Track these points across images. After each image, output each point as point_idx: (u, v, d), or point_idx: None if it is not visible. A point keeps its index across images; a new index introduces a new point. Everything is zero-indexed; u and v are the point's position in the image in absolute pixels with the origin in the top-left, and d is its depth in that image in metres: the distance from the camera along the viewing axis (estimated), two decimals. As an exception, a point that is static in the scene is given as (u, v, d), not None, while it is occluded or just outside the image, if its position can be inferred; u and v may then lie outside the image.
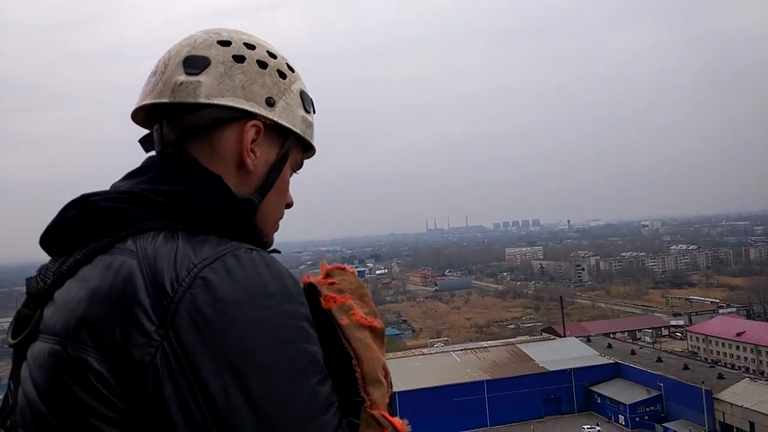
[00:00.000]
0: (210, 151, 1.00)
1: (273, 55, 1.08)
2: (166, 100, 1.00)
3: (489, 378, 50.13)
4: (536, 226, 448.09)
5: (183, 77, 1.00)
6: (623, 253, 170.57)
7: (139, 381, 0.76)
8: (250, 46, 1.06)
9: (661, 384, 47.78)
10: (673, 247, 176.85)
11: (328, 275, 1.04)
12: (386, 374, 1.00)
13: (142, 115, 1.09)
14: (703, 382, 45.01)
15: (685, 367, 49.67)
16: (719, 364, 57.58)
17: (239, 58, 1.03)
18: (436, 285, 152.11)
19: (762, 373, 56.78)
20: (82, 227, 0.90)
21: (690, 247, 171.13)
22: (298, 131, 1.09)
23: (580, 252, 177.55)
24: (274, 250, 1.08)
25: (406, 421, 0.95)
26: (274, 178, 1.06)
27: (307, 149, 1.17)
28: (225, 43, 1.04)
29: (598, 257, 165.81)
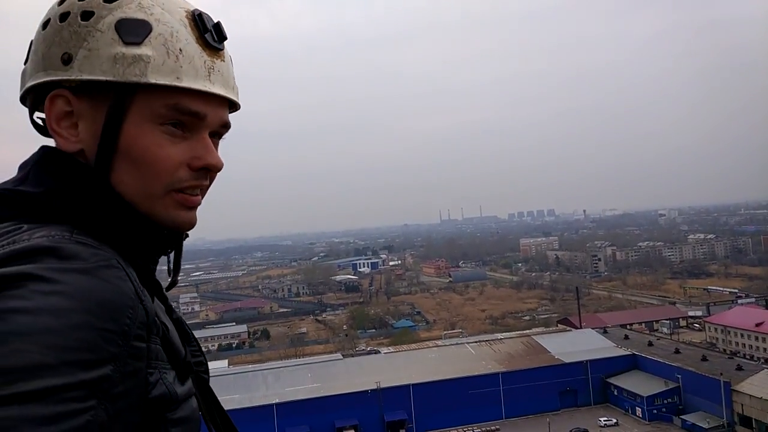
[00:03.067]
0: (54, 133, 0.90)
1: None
2: (21, 94, 0.93)
3: (504, 370, 49.93)
4: (551, 216, 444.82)
5: (23, 68, 0.93)
6: (640, 243, 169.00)
7: None
8: (61, 1, 0.89)
9: (679, 376, 47.27)
10: (691, 236, 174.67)
11: None
12: None
13: None
14: (721, 374, 44.48)
15: (704, 359, 49.11)
16: (738, 355, 56.84)
17: (45, 25, 0.89)
18: (450, 276, 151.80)
19: (782, 364, 56.06)
20: None
21: (708, 237, 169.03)
22: (111, 77, 0.83)
23: (596, 242, 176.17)
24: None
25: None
26: (110, 146, 0.84)
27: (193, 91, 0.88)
28: (45, 18, 0.90)
29: (615, 247, 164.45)
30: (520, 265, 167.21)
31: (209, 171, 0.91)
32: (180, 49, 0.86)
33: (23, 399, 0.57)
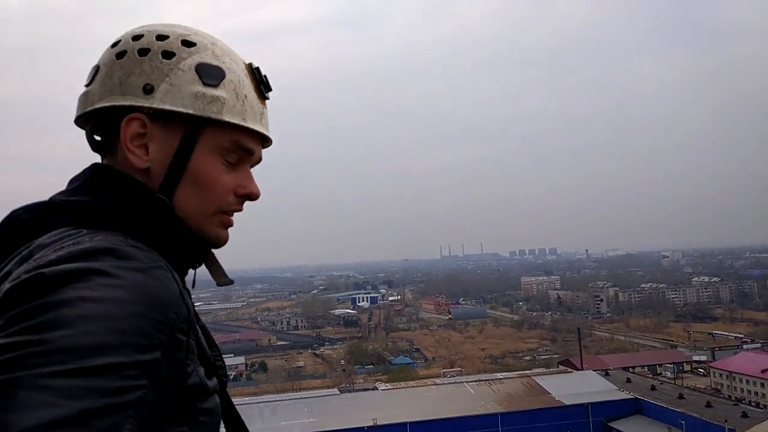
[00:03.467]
0: (116, 155, 1.01)
1: (162, 37, 1.01)
2: (78, 114, 1.04)
3: (503, 411, 48.84)
4: (553, 255, 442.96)
5: (84, 90, 1.04)
6: (643, 285, 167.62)
7: None
8: (137, 37, 1.01)
9: (683, 422, 46.03)
10: (695, 278, 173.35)
11: None
12: None
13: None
14: (726, 421, 43.37)
15: (708, 405, 47.95)
16: (743, 401, 55.57)
17: (121, 55, 1.00)
18: (449, 313, 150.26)
19: (789, 412, 54.76)
20: (6, 240, 0.91)
21: (713, 279, 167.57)
22: (192, 111, 0.98)
23: (598, 282, 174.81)
24: (226, 282, 1.15)
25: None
26: (178, 170, 0.98)
27: (244, 129, 1.04)
28: (114, 44, 1.03)
29: (617, 288, 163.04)
30: (521, 303, 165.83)
31: (248, 198, 1.07)
32: (245, 95, 1.04)
33: (89, 372, 0.67)
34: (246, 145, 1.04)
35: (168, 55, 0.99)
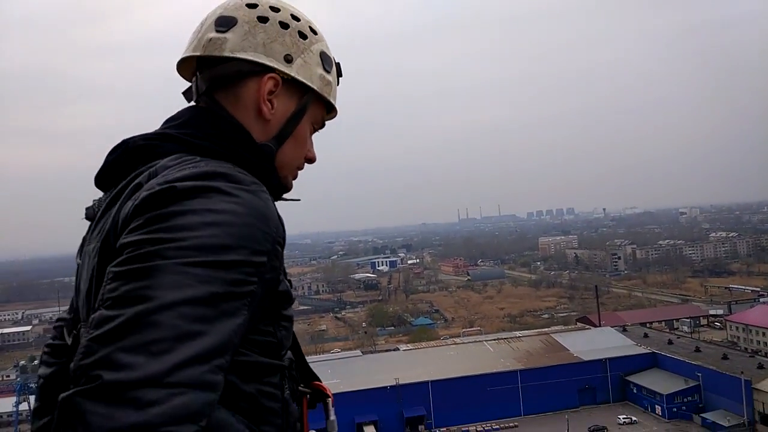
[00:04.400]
0: (234, 101, 1.19)
1: (296, 18, 1.24)
2: (198, 54, 1.20)
3: (523, 367, 50.17)
4: (571, 215, 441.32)
5: (213, 34, 1.19)
6: (660, 242, 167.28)
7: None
8: (275, 9, 1.22)
9: (699, 374, 47.13)
10: (713, 234, 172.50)
11: None
12: None
13: (188, 69, 1.30)
14: (742, 372, 44.31)
15: (724, 357, 48.91)
16: (759, 353, 56.33)
17: (263, 19, 1.20)
18: (468, 275, 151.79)
19: (805, 363, 55.51)
20: (122, 164, 1.12)
21: (730, 235, 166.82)
22: (315, 87, 1.24)
23: (616, 240, 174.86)
24: (294, 199, 1.32)
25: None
26: (291, 128, 1.22)
27: (330, 109, 1.33)
28: (252, 6, 1.21)
29: (635, 246, 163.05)
30: (538, 263, 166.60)
31: (310, 161, 1.33)
32: (337, 84, 1.33)
33: (216, 266, 0.86)
34: (326, 121, 1.35)
35: (302, 35, 1.23)
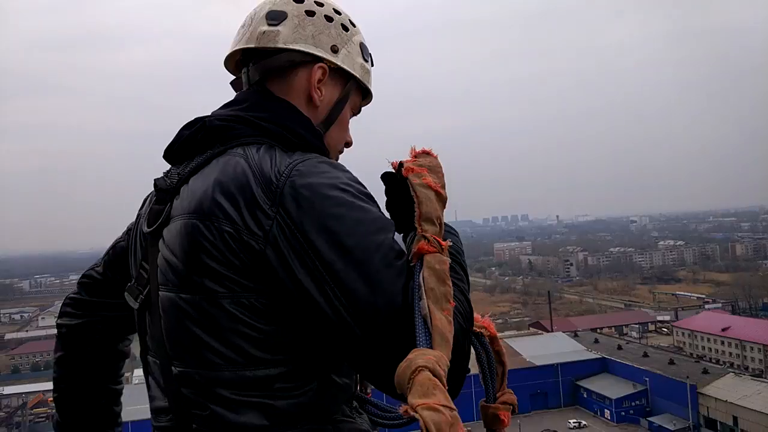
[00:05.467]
0: (286, 88, 1.28)
1: (338, 12, 1.35)
2: (252, 46, 1.28)
3: (476, 372, 49.85)
4: (525, 221, 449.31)
5: (265, 27, 1.28)
6: (611, 249, 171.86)
7: (261, 243, 1.04)
8: (320, 4, 1.33)
9: (647, 379, 48.06)
10: (661, 242, 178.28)
11: (415, 157, 1.28)
12: (441, 223, 1.19)
13: (233, 61, 1.38)
14: (688, 377, 45.33)
15: (671, 362, 49.98)
16: (704, 359, 58.04)
17: (310, 13, 1.30)
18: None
19: (746, 368, 57.43)
20: (199, 141, 1.21)
21: (677, 243, 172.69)
22: (358, 75, 1.35)
23: (568, 247, 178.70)
24: None
25: (449, 242, 1.17)
26: (337, 114, 1.33)
27: (365, 96, 1.43)
28: (299, 1, 1.31)
29: (587, 252, 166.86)
30: (493, 269, 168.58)
31: (348, 145, 1.43)
32: (372, 71, 1.43)
33: (374, 206, 1.12)
34: (362, 108, 1.45)
35: (344, 28, 1.33)
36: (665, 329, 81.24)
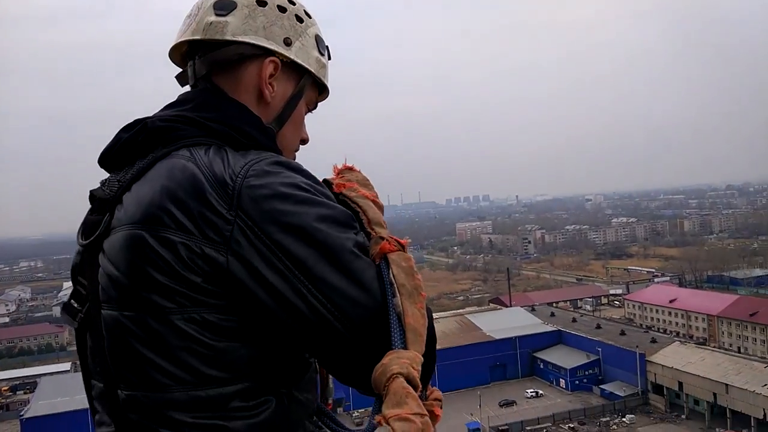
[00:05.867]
0: (235, 84, 1.19)
1: (292, 2, 1.25)
2: (198, 37, 1.19)
3: (438, 347, 51.22)
4: (486, 202, 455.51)
5: (213, 18, 1.18)
6: (567, 227, 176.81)
7: (222, 253, 0.97)
8: None
9: (600, 349, 50.50)
10: (615, 220, 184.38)
11: (340, 174, 1.25)
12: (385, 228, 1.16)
13: (178, 53, 1.28)
14: (637, 346, 47.89)
15: (622, 333, 52.55)
16: (653, 329, 61.10)
17: (262, 3, 1.20)
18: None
19: (691, 336, 60.79)
20: (139, 144, 1.10)
21: (630, 220, 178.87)
22: (313, 70, 1.25)
23: (527, 225, 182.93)
24: None
25: (408, 239, 1.16)
26: (290, 110, 1.24)
27: (322, 90, 1.34)
28: None
29: (544, 230, 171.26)
30: (455, 248, 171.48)
31: (304, 143, 1.36)
32: (329, 65, 1.34)
33: (327, 201, 1.06)
34: (319, 103, 1.37)
35: (299, 19, 1.24)
36: (617, 302, 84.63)
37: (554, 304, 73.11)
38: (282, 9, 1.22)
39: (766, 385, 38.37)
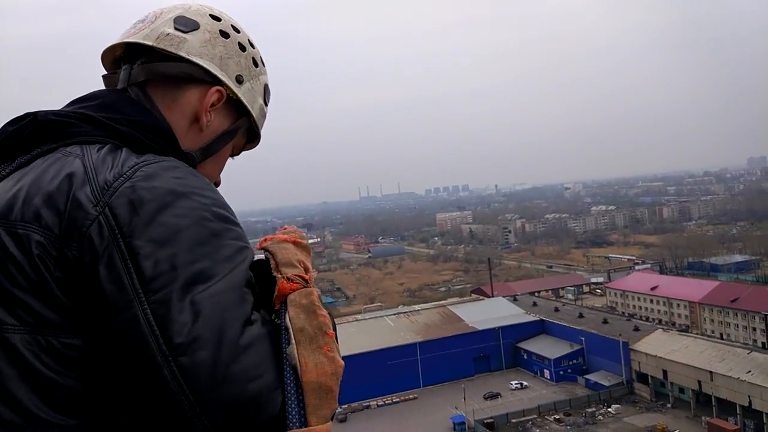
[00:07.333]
0: (171, 101, 1.12)
1: (252, 45, 1.24)
2: (149, 43, 1.12)
3: (421, 340, 50.91)
4: (466, 191, 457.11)
5: (171, 30, 1.13)
6: (547, 215, 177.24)
7: (76, 250, 0.84)
8: (236, 30, 1.22)
9: (583, 338, 50.11)
10: (594, 208, 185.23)
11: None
12: (306, 267, 1.06)
13: (113, 54, 1.19)
14: (620, 335, 47.54)
15: (605, 321, 52.23)
16: (635, 317, 60.88)
17: (225, 34, 1.18)
18: (369, 252, 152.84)
19: (674, 324, 60.73)
20: (26, 138, 0.99)
21: (609, 208, 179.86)
22: (254, 115, 1.23)
23: (507, 215, 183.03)
24: None
25: (314, 272, 1.08)
26: (219, 146, 1.19)
27: (252, 139, 1.31)
28: (216, 18, 1.19)
29: (524, 220, 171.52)
30: (436, 238, 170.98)
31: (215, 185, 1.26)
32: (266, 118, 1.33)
33: (234, 223, 0.98)
34: (242, 152, 1.33)
35: (255, 63, 1.23)
36: (599, 290, 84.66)
37: (536, 294, 72.74)
38: (242, 48, 1.20)
39: (750, 371, 38.16)
